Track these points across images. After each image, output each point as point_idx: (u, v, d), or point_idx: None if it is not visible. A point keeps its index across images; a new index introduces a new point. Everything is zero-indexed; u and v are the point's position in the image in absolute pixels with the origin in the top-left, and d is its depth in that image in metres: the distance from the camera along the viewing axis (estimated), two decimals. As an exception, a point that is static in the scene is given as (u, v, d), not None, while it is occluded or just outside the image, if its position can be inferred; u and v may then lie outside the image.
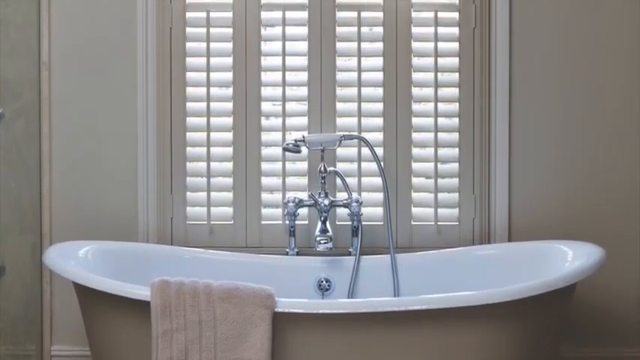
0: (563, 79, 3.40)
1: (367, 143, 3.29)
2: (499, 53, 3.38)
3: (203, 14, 3.42)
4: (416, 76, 3.42)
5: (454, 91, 3.42)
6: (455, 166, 3.42)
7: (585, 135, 3.40)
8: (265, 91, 3.44)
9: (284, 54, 3.42)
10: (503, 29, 3.38)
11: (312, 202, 3.25)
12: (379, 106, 3.42)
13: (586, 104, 3.40)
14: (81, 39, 3.43)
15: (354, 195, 3.32)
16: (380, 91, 3.42)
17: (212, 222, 3.44)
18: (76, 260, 2.94)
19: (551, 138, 3.40)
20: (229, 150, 3.43)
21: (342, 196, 3.39)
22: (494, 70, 3.38)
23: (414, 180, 3.43)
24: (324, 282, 3.25)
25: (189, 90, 3.43)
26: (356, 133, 3.38)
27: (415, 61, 3.42)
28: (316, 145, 3.27)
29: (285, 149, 3.28)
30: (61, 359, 3.45)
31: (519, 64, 3.39)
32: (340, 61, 3.43)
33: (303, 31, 3.43)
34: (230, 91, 3.43)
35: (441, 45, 3.41)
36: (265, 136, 3.44)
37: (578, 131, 3.40)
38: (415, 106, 3.42)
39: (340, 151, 3.39)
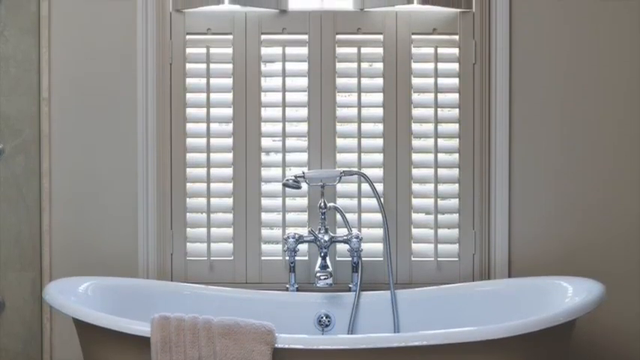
0: (564, 116, 3.40)
1: (367, 179, 3.29)
2: (499, 89, 3.39)
3: (203, 50, 3.43)
4: (416, 111, 3.42)
5: (454, 127, 3.42)
6: (455, 202, 3.42)
7: (585, 172, 3.40)
8: (265, 127, 3.44)
9: (284, 90, 3.42)
10: (504, 65, 3.38)
11: (312, 237, 3.25)
12: (379, 141, 3.42)
13: (586, 141, 3.40)
14: (81, 75, 3.43)
15: (354, 231, 3.32)
16: (380, 126, 3.42)
17: (212, 258, 3.43)
18: (76, 296, 2.94)
19: (551, 174, 3.41)
20: (229, 186, 3.43)
21: (342, 232, 3.38)
22: (495, 105, 3.39)
23: (414, 216, 3.43)
24: (325, 318, 3.24)
25: (190, 126, 3.43)
26: (356, 169, 3.38)
27: (415, 97, 3.42)
28: (316, 181, 3.28)
29: (285, 185, 3.28)
30: (59, 396, 3.45)
31: (519, 100, 3.40)
32: (340, 97, 3.43)
33: (303, 66, 3.43)
34: (230, 126, 3.43)
35: (440, 81, 3.41)
36: (265, 172, 3.44)
37: (578, 168, 3.40)
38: (415, 142, 3.42)
39: (340, 187, 3.39)
